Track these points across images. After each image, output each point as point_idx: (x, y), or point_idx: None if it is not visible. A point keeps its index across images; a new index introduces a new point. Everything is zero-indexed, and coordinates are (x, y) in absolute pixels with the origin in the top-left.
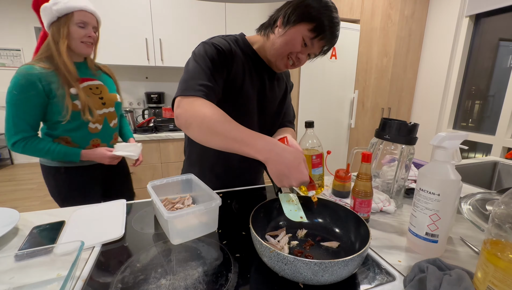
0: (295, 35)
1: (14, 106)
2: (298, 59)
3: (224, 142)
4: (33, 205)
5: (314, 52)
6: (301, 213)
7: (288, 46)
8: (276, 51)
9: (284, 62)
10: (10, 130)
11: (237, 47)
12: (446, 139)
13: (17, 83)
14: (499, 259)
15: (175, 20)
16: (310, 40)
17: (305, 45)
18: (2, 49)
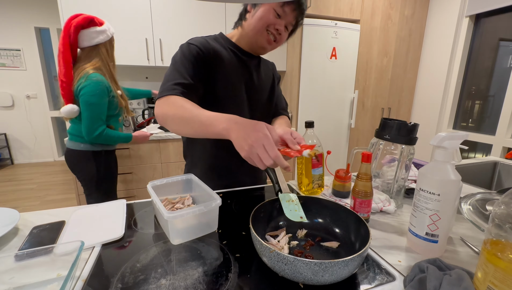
0: (266, 8)
1: (95, 106)
2: (277, 31)
3: (194, 128)
4: (33, 205)
5: (289, 22)
6: (301, 213)
7: (263, 19)
8: (254, 29)
9: (265, 37)
10: (92, 126)
11: (217, 43)
12: (446, 139)
13: (98, 89)
14: (499, 259)
15: (175, 20)
16: (281, 8)
17: (278, 16)
18: (2, 49)
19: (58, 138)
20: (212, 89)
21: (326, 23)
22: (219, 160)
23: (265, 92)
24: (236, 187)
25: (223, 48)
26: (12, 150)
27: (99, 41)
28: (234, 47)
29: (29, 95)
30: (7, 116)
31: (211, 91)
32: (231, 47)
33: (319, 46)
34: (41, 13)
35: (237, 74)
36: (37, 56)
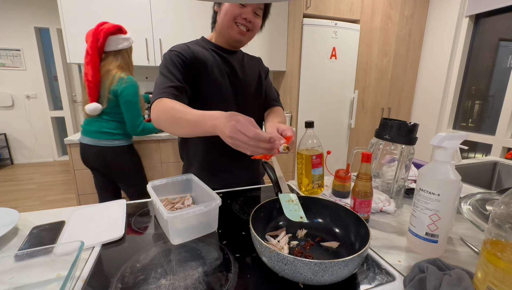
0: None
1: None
2: (245, 20)
3: (185, 128)
4: (33, 205)
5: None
6: (301, 213)
7: (228, 14)
8: (224, 25)
9: (236, 30)
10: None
11: (198, 46)
12: (446, 139)
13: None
14: (499, 259)
15: (175, 20)
16: None
17: (242, 5)
18: (2, 49)
19: (58, 138)
20: (197, 90)
21: (326, 23)
22: (212, 158)
23: (252, 86)
24: (233, 183)
25: (204, 49)
26: (12, 150)
27: (123, 47)
28: (215, 47)
29: (29, 95)
30: (7, 116)
31: (197, 92)
32: (211, 47)
33: (319, 46)
34: (41, 13)
35: (220, 72)
36: (37, 56)
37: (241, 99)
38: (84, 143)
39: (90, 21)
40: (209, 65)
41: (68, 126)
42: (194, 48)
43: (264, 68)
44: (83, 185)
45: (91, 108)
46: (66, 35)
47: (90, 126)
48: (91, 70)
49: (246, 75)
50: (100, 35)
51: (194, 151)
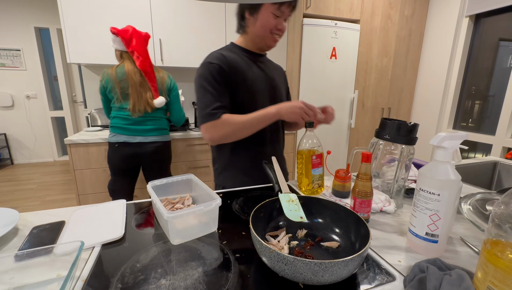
0: (266, 15)
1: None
2: (279, 30)
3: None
4: (33, 205)
5: (287, 16)
6: (301, 213)
7: (266, 26)
8: (260, 36)
9: (272, 39)
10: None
11: (232, 53)
12: (446, 139)
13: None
14: (499, 259)
15: (175, 20)
16: (279, 10)
17: (277, 17)
18: (2, 49)
19: (58, 138)
20: (236, 96)
21: (326, 23)
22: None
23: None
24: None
25: (238, 56)
26: (12, 150)
27: None
28: (247, 52)
29: (29, 95)
30: (7, 116)
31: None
32: (244, 53)
33: (319, 46)
34: (41, 13)
35: (255, 76)
36: (37, 56)
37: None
38: (136, 142)
39: (90, 21)
40: (245, 72)
41: (68, 126)
42: (229, 57)
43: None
44: (83, 185)
45: (161, 101)
46: (66, 35)
47: (144, 125)
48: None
49: (275, 78)
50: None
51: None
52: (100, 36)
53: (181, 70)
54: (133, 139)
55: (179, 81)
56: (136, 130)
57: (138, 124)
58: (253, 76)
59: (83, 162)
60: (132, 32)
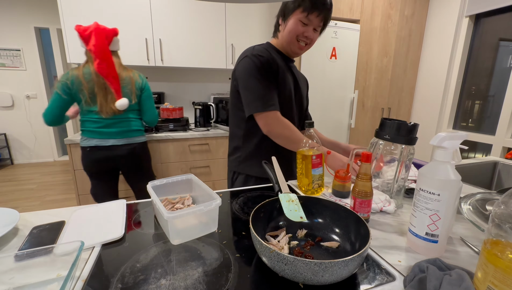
0: (293, 21)
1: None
2: (306, 38)
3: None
4: (33, 205)
5: (316, 25)
6: (301, 213)
7: (292, 32)
8: (286, 40)
9: (297, 46)
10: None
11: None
12: (446, 139)
13: None
14: (499, 259)
15: (175, 20)
16: (306, 18)
17: (305, 24)
18: (2, 49)
19: (58, 138)
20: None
21: None
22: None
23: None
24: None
25: (276, 56)
26: (12, 150)
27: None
28: (281, 54)
29: (29, 95)
30: (7, 116)
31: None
32: (279, 55)
33: (319, 46)
34: (41, 13)
35: (287, 77)
36: (37, 56)
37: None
38: (109, 145)
39: (90, 21)
40: (282, 72)
41: (68, 126)
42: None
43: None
44: (83, 185)
45: (123, 104)
46: (66, 35)
47: (115, 128)
48: (112, 67)
49: (301, 85)
50: (109, 34)
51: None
52: None
53: (181, 70)
54: (105, 143)
55: (180, 81)
56: (108, 133)
57: (109, 127)
58: (289, 80)
59: None
60: (92, 30)
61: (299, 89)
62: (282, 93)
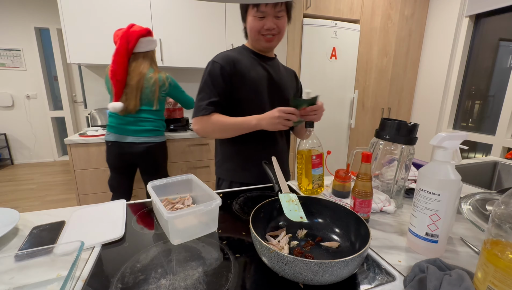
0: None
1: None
2: (268, 30)
3: (234, 131)
4: (33, 205)
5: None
6: (301, 213)
7: (253, 29)
8: (253, 39)
9: (264, 40)
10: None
11: (239, 54)
12: (446, 139)
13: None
14: (499, 259)
15: (175, 20)
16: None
17: (261, 18)
18: (2, 49)
19: (58, 138)
20: (238, 93)
21: (326, 23)
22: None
23: (286, 91)
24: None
25: (244, 56)
26: (12, 150)
27: (151, 48)
28: (253, 54)
29: (29, 95)
30: (7, 116)
31: (238, 95)
32: (251, 54)
33: (319, 46)
34: (41, 13)
35: (258, 76)
36: (37, 56)
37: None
38: (127, 142)
39: (90, 21)
40: (249, 72)
41: (68, 126)
42: (233, 56)
43: (299, 83)
44: (83, 185)
45: (116, 106)
46: (66, 35)
47: (134, 126)
48: (121, 70)
49: (281, 80)
50: (132, 37)
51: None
52: (100, 36)
53: (181, 70)
54: (124, 139)
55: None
56: (128, 130)
57: (130, 124)
58: (256, 76)
59: (83, 162)
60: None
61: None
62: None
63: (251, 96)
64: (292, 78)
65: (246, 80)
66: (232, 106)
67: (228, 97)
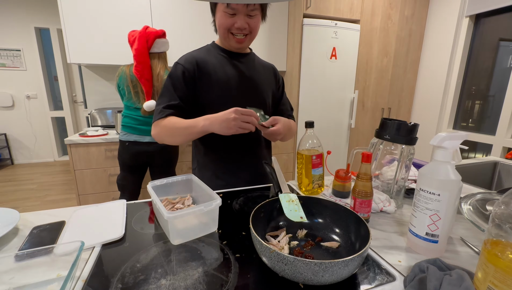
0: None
1: None
2: (239, 29)
3: (182, 135)
4: (33, 205)
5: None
6: (301, 213)
7: (221, 26)
8: (222, 36)
9: (234, 40)
10: None
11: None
12: (446, 139)
13: None
14: (499, 259)
15: (175, 20)
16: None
17: (232, 15)
18: (2, 49)
19: (58, 138)
20: (205, 95)
21: (326, 23)
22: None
23: (259, 89)
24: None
25: (212, 55)
26: (12, 150)
27: (165, 49)
28: (223, 51)
29: (29, 95)
30: (7, 116)
31: (205, 97)
32: (220, 52)
33: (319, 46)
34: (41, 13)
35: (227, 76)
36: (37, 56)
37: (252, 97)
38: (145, 141)
39: (90, 21)
40: (214, 72)
41: (68, 126)
42: (198, 56)
43: (279, 79)
44: (83, 185)
45: (149, 105)
46: (66, 35)
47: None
48: (147, 70)
49: (256, 78)
50: (150, 36)
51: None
52: (100, 36)
53: None
54: (142, 139)
55: None
56: (145, 131)
57: (146, 125)
58: (224, 76)
59: (83, 162)
60: (137, 35)
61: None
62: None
63: (220, 99)
64: (270, 75)
65: (213, 82)
66: (199, 111)
67: (192, 102)
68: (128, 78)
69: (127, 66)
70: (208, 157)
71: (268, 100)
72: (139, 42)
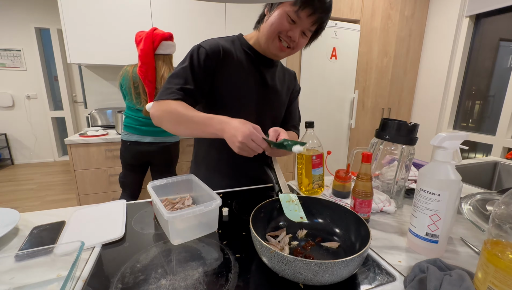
0: (279, 13)
1: None
2: (289, 38)
3: (189, 128)
4: (33, 205)
5: (306, 28)
6: (301, 213)
7: (274, 25)
8: (265, 35)
9: (276, 45)
10: None
11: (232, 44)
12: (446, 139)
13: None
14: (499, 260)
15: (175, 20)
16: (295, 13)
17: (292, 21)
18: (2, 49)
19: (58, 138)
20: (218, 91)
21: None
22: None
23: (277, 100)
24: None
25: (237, 50)
26: (12, 150)
27: (171, 52)
28: (249, 49)
29: (29, 95)
30: (7, 116)
31: (218, 93)
32: (246, 49)
33: (319, 46)
34: (41, 13)
35: (247, 76)
36: (37, 56)
37: (262, 109)
38: (146, 141)
39: (90, 21)
40: (237, 68)
41: (68, 126)
42: (225, 47)
43: (296, 87)
44: (83, 185)
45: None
46: (66, 35)
47: (152, 127)
48: (151, 71)
49: (275, 87)
50: (156, 38)
51: (206, 153)
52: (100, 36)
53: None
54: (143, 139)
55: None
56: (146, 131)
57: (148, 126)
58: (245, 75)
59: (83, 162)
60: (143, 36)
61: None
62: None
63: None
64: (288, 84)
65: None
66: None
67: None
68: (130, 78)
69: (131, 66)
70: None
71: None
72: (145, 42)
